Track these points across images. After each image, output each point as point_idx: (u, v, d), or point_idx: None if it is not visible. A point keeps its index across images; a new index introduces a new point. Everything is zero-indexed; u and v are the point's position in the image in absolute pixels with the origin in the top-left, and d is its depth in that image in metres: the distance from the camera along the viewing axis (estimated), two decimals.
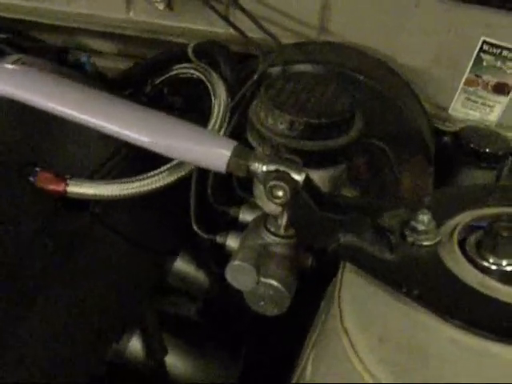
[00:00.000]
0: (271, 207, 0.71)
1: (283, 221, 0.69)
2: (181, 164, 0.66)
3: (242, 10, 0.84)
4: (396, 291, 0.53)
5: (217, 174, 0.79)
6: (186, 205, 0.74)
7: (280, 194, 0.57)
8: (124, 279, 0.71)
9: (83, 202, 0.67)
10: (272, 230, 0.70)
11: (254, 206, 0.78)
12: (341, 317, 0.52)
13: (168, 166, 0.65)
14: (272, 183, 0.56)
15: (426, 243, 0.56)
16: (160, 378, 0.77)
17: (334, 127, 0.65)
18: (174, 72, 0.89)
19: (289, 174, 0.57)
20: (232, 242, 0.74)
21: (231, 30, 0.93)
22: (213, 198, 0.78)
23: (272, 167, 0.58)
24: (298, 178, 0.58)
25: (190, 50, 0.85)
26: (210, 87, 0.78)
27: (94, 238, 0.68)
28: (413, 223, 0.55)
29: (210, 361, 0.83)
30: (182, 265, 0.92)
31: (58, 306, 0.63)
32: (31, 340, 0.59)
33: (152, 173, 0.65)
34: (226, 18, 0.87)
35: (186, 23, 0.97)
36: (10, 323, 0.56)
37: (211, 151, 0.58)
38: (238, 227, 0.78)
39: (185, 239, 0.83)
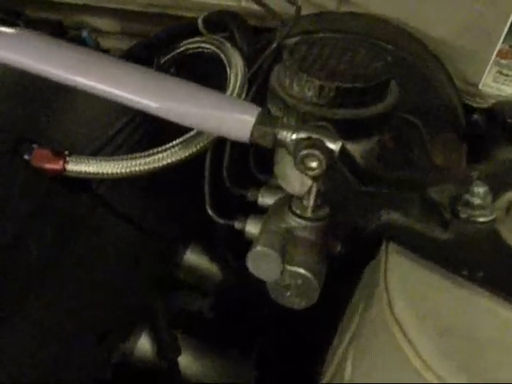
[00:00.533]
0: (296, 187, 0.64)
1: (310, 201, 0.61)
2: (194, 138, 0.58)
3: None
4: (453, 274, 0.45)
5: (232, 155, 0.71)
6: (198, 188, 0.67)
7: (314, 164, 0.49)
8: (130, 270, 0.64)
9: (85, 183, 0.60)
10: (297, 212, 0.62)
11: (274, 188, 0.70)
12: (390, 305, 0.45)
13: (180, 139, 0.58)
14: (305, 152, 0.49)
15: (481, 219, 0.48)
16: (171, 380, 0.68)
17: (369, 93, 0.58)
18: (182, 48, 0.81)
19: (322, 142, 0.50)
20: (252, 227, 0.66)
21: (243, 3, 0.86)
22: (228, 180, 0.71)
23: (303, 135, 0.50)
24: (334, 146, 0.50)
25: (199, 22, 0.78)
26: (224, 58, 0.70)
27: (97, 223, 0.60)
28: (467, 197, 0.48)
29: (223, 360, 0.75)
30: (193, 257, 0.83)
31: (56, 302, 0.55)
32: (25, 340, 0.51)
33: (162, 148, 0.57)
34: None
35: None
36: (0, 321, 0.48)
37: (233, 117, 0.50)
38: (256, 212, 0.70)
39: (197, 226, 0.75)
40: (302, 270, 0.60)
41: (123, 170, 0.57)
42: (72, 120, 0.64)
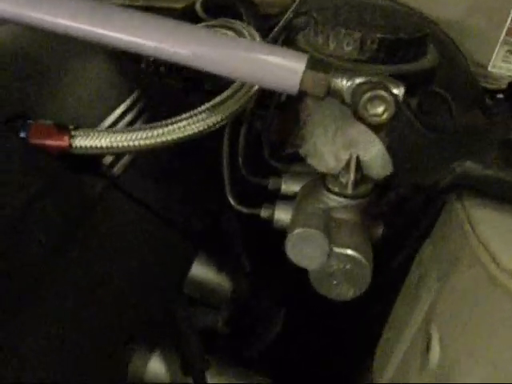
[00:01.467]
0: (330, 163, 0.56)
1: (351, 176, 0.54)
2: (219, 104, 0.50)
3: None
4: None
5: (248, 141, 0.63)
6: (210, 179, 0.58)
7: (380, 109, 0.42)
8: (148, 264, 0.54)
9: (93, 164, 0.50)
10: (336, 190, 0.55)
11: (297, 175, 0.63)
12: (494, 260, 0.37)
13: (205, 106, 0.50)
14: (369, 95, 0.42)
15: None
16: None
17: (412, 46, 0.52)
18: None
19: (386, 86, 0.43)
20: (282, 213, 0.58)
21: None
22: (245, 168, 0.63)
23: (361, 79, 0.43)
24: (397, 91, 0.43)
25: (198, 7, 0.71)
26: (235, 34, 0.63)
27: (110, 209, 0.51)
28: None
29: (245, 375, 0.65)
30: (200, 270, 0.73)
31: (61, 305, 0.44)
32: (30, 340, 0.40)
33: (185, 115, 0.49)
34: None
35: None
36: None
37: (280, 63, 0.43)
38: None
39: (214, 221, 0.66)
40: (351, 252, 0.52)
41: (141, 142, 0.48)
42: (72, 97, 0.55)
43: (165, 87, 0.65)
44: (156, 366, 0.59)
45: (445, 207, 0.51)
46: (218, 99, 0.51)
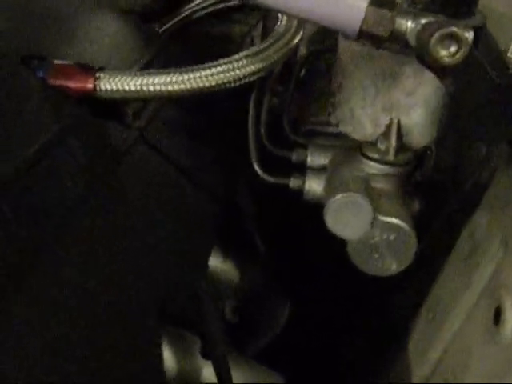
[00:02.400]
0: (368, 129, 0.52)
1: (392, 141, 0.50)
2: (256, 55, 0.46)
3: None
4: None
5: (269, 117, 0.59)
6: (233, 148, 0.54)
7: (453, 48, 0.38)
8: (173, 231, 0.48)
9: (116, 111, 0.45)
10: (375, 156, 0.50)
11: (322, 147, 0.58)
12: None
13: (246, 52, 0.45)
14: (441, 32, 0.37)
15: None
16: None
17: (464, 3, 0.48)
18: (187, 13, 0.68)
19: (452, 23, 0.39)
20: (314, 183, 0.53)
21: None
22: (267, 139, 0.58)
23: (428, 19, 0.39)
24: (467, 34, 0.39)
25: None
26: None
27: (137, 162, 0.45)
28: None
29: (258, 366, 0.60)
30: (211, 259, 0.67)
31: (85, 262, 0.38)
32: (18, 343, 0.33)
33: (225, 59, 0.44)
34: None
35: None
36: None
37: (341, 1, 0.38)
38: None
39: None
40: (397, 221, 0.47)
41: (175, 87, 0.43)
42: (90, 47, 0.50)
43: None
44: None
45: (497, 177, 0.47)
46: (256, 48, 0.46)
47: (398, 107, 0.51)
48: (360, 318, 0.68)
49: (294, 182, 0.55)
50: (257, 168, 0.55)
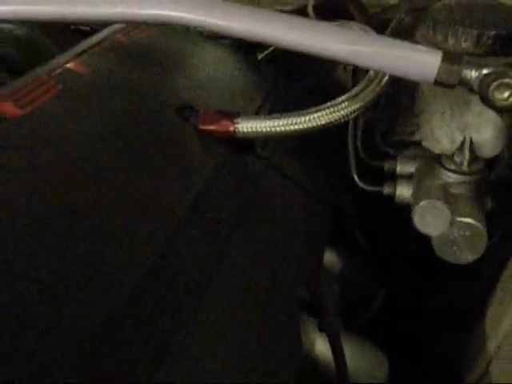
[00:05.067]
0: (445, 145, 0.65)
1: (466, 155, 0.62)
2: (359, 93, 0.59)
3: None
4: None
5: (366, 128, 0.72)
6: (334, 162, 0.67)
7: (506, 94, 0.50)
8: (304, 240, 0.62)
9: (250, 146, 0.60)
10: (453, 168, 0.63)
11: (410, 157, 0.71)
12: None
13: (346, 96, 0.58)
14: (498, 82, 0.50)
15: None
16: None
17: None
18: None
19: (507, 75, 0.51)
20: (404, 189, 0.66)
21: None
22: (364, 152, 0.71)
23: (488, 70, 0.51)
24: None
25: (310, 9, 0.79)
26: None
27: (269, 187, 0.59)
28: None
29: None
30: None
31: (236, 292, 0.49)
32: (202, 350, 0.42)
33: (331, 103, 0.58)
34: None
35: None
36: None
37: (420, 57, 0.51)
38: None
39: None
40: (470, 220, 0.60)
41: (296, 127, 0.57)
42: (218, 90, 0.65)
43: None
44: None
45: None
46: (355, 90, 0.59)
47: (471, 127, 0.63)
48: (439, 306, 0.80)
49: (387, 189, 0.68)
50: (356, 179, 0.68)
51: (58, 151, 0.45)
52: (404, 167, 0.70)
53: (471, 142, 0.62)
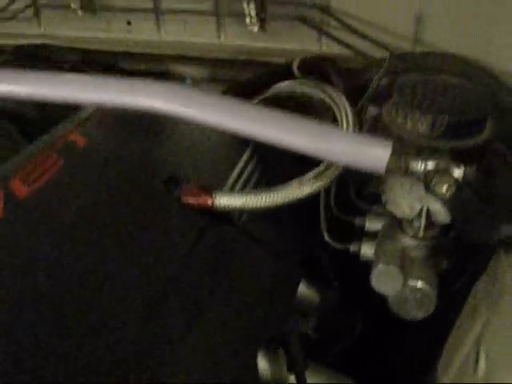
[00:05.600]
0: (406, 211, 0.72)
1: (422, 223, 0.69)
2: (324, 171, 0.66)
3: (346, 25, 0.86)
4: None
5: (339, 185, 0.79)
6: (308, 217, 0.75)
7: (443, 189, 0.57)
8: (270, 290, 0.70)
9: (226, 215, 0.68)
10: (410, 233, 0.70)
11: (378, 215, 0.78)
12: None
13: (312, 173, 0.66)
14: (436, 179, 0.57)
15: None
16: None
17: (475, 124, 0.66)
18: (275, 91, 0.89)
19: (449, 170, 0.58)
20: (367, 249, 0.74)
21: (324, 48, 0.95)
22: (336, 209, 0.79)
23: (432, 164, 0.58)
24: (458, 172, 0.58)
25: (294, 66, 0.87)
26: (329, 101, 0.78)
27: (243, 252, 0.68)
28: None
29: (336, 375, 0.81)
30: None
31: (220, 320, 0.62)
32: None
33: (298, 179, 0.65)
34: (335, 37, 0.88)
35: (279, 43, 0.98)
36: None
37: (370, 152, 0.58)
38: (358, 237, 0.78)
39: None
40: (421, 284, 0.67)
41: (266, 203, 0.65)
42: (195, 158, 0.73)
43: None
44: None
45: (495, 254, 0.65)
46: (319, 169, 0.67)
47: (427, 198, 0.70)
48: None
49: (353, 247, 0.76)
50: (326, 237, 0.76)
51: (63, 227, 0.56)
52: (372, 224, 0.78)
53: (427, 211, 0.69)
